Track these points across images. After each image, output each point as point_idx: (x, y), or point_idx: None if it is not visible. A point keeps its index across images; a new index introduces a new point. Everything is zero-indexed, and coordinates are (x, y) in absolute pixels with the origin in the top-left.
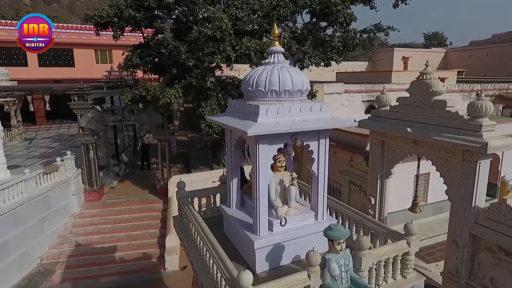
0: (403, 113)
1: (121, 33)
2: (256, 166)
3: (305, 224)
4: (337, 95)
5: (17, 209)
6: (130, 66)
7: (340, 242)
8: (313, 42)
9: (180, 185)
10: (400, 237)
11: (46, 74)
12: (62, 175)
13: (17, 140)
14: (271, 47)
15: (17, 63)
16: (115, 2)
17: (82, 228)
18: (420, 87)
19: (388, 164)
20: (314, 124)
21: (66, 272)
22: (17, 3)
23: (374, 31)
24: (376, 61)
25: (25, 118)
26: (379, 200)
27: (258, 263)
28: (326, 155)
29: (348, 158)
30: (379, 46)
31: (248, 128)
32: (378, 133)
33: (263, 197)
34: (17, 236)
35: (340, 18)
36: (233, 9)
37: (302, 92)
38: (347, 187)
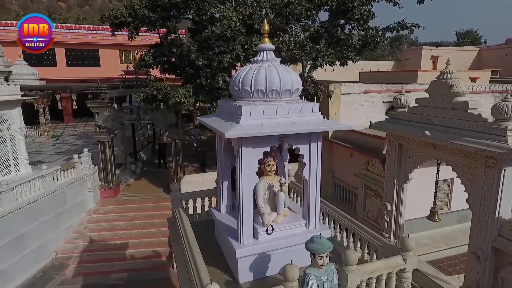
0: (421, 115)
1: (136, 33)
2: (239, 170)
3: (295, 233)
4: (356, 96)
5: (33, 204)
6: (143, 66)
7: (323, 256)
8: (328, 40)
9: (175, 186)
10: (396, 252)
11: (73, 74)
12: (79, 172)
13: (45, 137)
14: (260, 44)
15: (46, 63)
16: (129, 3)
17: (96, 224)
18: (440, 87)
19: (406, 169)
20: (303, 126)
21: (79, 267)
22: (52, 6)
23: (397, 28)
24: (403, 61)
25: (53, 116)
26: (396, 206)
27: (241, 273)
28: (319, 159)
29: (365, 161)
30: (407, 44)
31: (227, 130)
32: (395, 136)
33: (247, 203)
34: (33, 230)
35: (356, 15)
36: (243, 8)
37: (291, 92)
38: (362, 191)
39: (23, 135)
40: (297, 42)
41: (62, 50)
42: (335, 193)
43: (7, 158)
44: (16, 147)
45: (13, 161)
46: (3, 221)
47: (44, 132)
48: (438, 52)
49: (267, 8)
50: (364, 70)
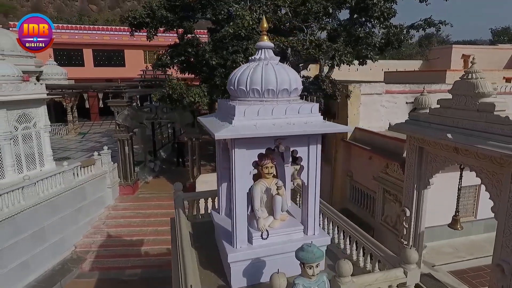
0: (443, 117)
1: (155, 34)
2: (233, 172)
3: (292, 239)
4: (377, 96)
5: (54, 198)
6: (160, 65)
7: (312, 265)
8: (346, 39)
9: (177, 186)
10: (397, 263)
11: (100, 74)
12: (99, 169)
13: (72, 134)
14: (258, 42)
15: (75, 64)
16: (147, 4)
17: (114, 220)
18: (464, 87)
19: (426, 173)
20: (300, 127)
21: (96, 261)
22: (85, 9)
23: (423, 26)
24: (432, 60)
25: (81, 114)
26: (415, 212)
27: (233, 278)
28: (318, 163)
29: (384, 165)
30: (438, 43)
31: (217, 131)
32: (416, 139)
33: (241, 206)
34: (54, 224)
35: (376, 13)
36: (257, 6)
37: (289, 91)
38: (381, 195)
39: (48, 132)
40: (312, 41)
41: (90, 51)
42: (353, 196)
43: (32, 154)
44: (41, 144)
45: (38, 157)
46: (25, 214)
47: (72, 129)
48: (470, 51)
49: (284, 7)
50: (390, 70)
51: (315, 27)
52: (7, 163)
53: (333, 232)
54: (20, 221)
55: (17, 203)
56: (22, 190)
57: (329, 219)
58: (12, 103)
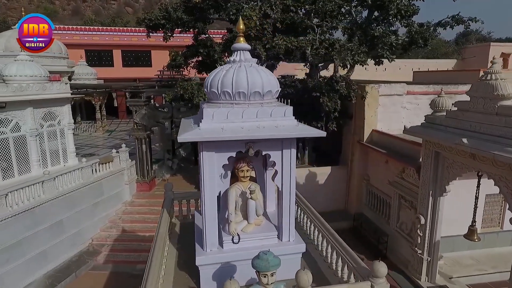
0: (460, 120)
1: (171, 35)
2: (201, 175)
3: (265, 245)
4: (397, 97)
5: (72, 193)
6: (174, 66)
7: (267, 274)
8: (362, 38)
9: (168, 186)
10: (367, 276)
11: (128, 74)
12: (116, 166)
13: (100, 132)
14: (234, 44)
15: (105, 64)
16: (163, 6)
17: (130, 215)
18: (483, 89)
19: (443, 180)
20: (269, 131)
21: (110, 255)
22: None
23: (451, 23)
24: (467, 59)
25: (110, 112)
26: (431, 220)
27: (202, 281)
28: (292, 167)
29: (400, 169)
30: (476, 41)
31: (181, 134)
32: (432, 143)
33: (210, 209)
34: (72, 217)
35: (392, 10)
36: (266, 6)
37: (261, 94)
38: (396, 201)
39: (71, 129)
40: (323, 40)
41: (119, 52)
42: (368, 201)
43: (57, 150)
44: (65, 140)
45: (62, 153)
46: (44, 207)
47: (100, 127)
48: (510, 49)
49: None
50: (421, 69)
51: (325, 27)
52: (33, 158)
53: (317, 239)
54: (40, 213)
55: (37, 196)
56: (42, 184)
57: (314, 226)
58: (38, 101)
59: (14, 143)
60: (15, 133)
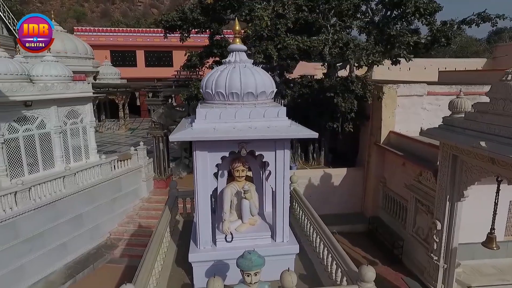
0: (479, 123)
1: (187, 36)
2: (194, 173)
3: (258, 244)
4: (417, 98)
5: (91, 188)
6: (189, 66)
7: (250, 273)
8: (378, 37)
9: (172, 184)
10: (355, 280)
11: (150, 73)
12: (134, 163)
13: (123, 130)
14: (230, 45)
15: (128, 64)
16: (180, 7)
17: (146, 211)
18: (503, 90)
19: (461, 184)
20: (262, 132)
21: (126, 249)
22: (147, 13)
23: (476, 21)
24: (498, 58)
25: (132, 111)
26: (447, 226)
27: (196, 277)
28: (286, 168)
29: (417, 172)
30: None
31: (174, 133)
32: (449, 146)
33: (203, 208)
34: (91, 211)
35: (409, 8)
36: (279, 6)
37: (255, 95)
38: (413, 205)
39: (93, 127)
40: (336, 40)
41: (142, 52)
42: (385, 204)
43: (79, 147)
44: (87, 138)
45: (84, 150)
46: (65, 201)
47: (122, 125)
48: None
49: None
50: (448, 69)
51: (338, 26)
52: (56, 154)
53: (315, 241)
54: (60, 207)
55: (58, 190)
56: (63, 179)
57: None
58: (62, 100)
59: (39, 139)
60: (40, 130)
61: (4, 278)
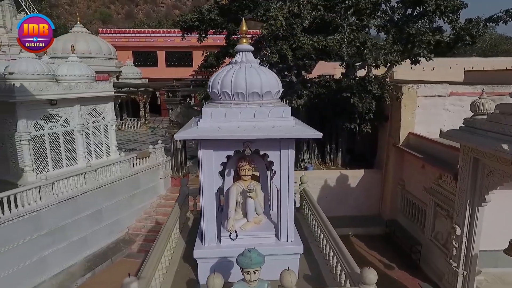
0: (502, 125)
1: (205, 36)
2: (200, 172)
3: (262, 243)
4: (439, 98)
5: (111, 184)
6: (205, 66)
7: (250, 271)
8: (397, 36)
9: (183, 182)
10: (357, 283)
11: (171, 73)
12: (153, 161)
13: (144, 128)
14: (237, 45)
15: (150, 64)
16: (197, 8)
17: (163, 208)
18: None
19: (482, 188)
20: (267, 132)
21: (143, 244)
22: (169, 14)
23: (504, 18)
24: None
25: (153, 110)
26: (467, 231)
27: (200, 273)
28: (291, 168)
29: (437, 175)
30: None
31: (180, 132)
32: (470, 148)
33: (208, 205)
34: (110, 207)
35: (430, 6)
36: (294, 6)
37: (260, 95)
38: (432, 209)
39: (114, 125)
40: (352, 39)
41: (163, 53)
42: (403, 207)
43: (100, 144)
44: (108, 135)
45: (105, 147)
46: (85, 196)
47: (143, 124)
48: None
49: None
50: (474, 68)
51: (354, 25)
52: (79, 151)
53: (322, 242)
54: (81, 202)
55: (79, 186)
56: (84, 175)
57: (318, 224)
58: (84, 99)
59: (63, 137)
60: (64, 128)
61: (28, 268)
